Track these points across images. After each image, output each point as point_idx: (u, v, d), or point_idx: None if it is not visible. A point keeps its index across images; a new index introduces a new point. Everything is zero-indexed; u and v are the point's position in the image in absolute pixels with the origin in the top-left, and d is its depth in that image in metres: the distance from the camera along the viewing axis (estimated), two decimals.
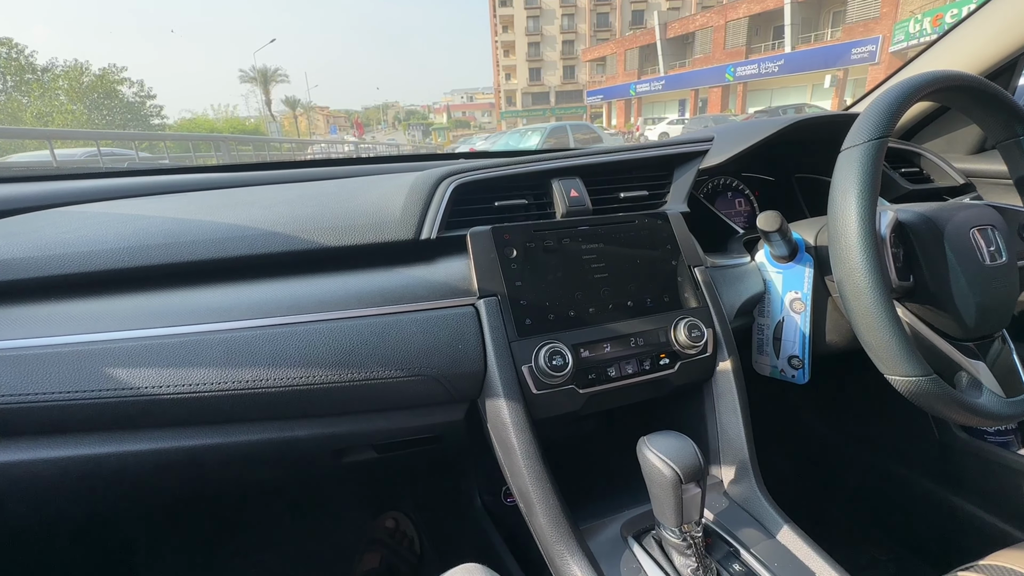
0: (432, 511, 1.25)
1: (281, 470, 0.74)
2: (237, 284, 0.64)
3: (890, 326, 0.57)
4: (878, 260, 0.57)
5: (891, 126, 0.60)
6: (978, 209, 0.69)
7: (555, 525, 0.59)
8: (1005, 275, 0.66)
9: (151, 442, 0.60)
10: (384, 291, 0.63)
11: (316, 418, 0.63)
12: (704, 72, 26.60)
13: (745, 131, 0.95)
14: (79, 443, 0.58)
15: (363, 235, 0.68)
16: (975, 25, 0.99)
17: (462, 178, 0.73)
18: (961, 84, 0.65)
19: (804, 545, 0.58)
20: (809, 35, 22.65)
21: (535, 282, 0.67)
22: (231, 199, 0.80)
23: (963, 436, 1.01)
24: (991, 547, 0.64)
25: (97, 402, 0.54)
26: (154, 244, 0.64)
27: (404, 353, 0.60)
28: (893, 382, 0.60)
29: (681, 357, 0.70)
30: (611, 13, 44.48)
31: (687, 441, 0.53)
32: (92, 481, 0.63)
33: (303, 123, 49.19)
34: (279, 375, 0.57)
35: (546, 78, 52.02)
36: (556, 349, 0.63)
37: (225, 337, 0.57)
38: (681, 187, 0.85)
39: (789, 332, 0.82)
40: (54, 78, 21.24)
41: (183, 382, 0.55)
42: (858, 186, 0.58)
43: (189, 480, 0.70)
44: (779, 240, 0.77)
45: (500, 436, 0.63)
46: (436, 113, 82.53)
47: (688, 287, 0.74)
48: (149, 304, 0.60)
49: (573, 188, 0.78)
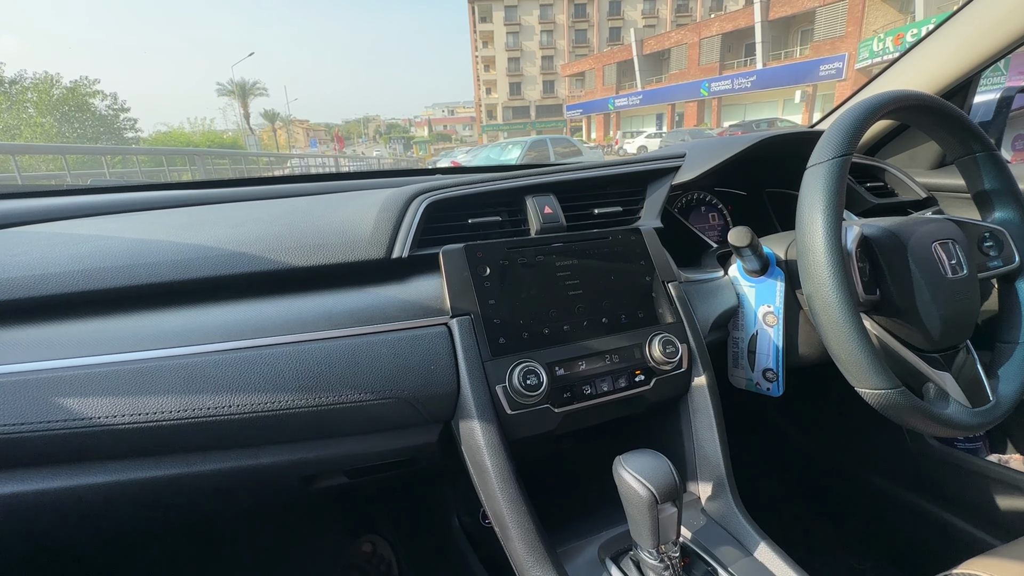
0: (410, 533, 1.22)
1: (247, 499, 0.71)
2: (200, 307, 0.62)
3: (858, 340, 0.58)
4: (845, 274, 0.58)
5: (854, 144, 0.61)
6: (939, 224, 0.71)
7: (531, 549, 0.58)
8: (966, 287, 0.68)
9: (107, 474, 0.56)
10: (354, 311, 0.62)
11: (283, 444, 0.61)
12: (680, 87, 27.29)
13: (716, 147, 0.96)
14: (27, 478, 0.54)
15: (333, 255, 0.67)
16: (931, 46, 1.03)
17: (435, 195, 0.73)
18: (919, 104, 0.67)
19: (781, 562, 0.58)
20: (779, 52, 23.46)
21: (509, 300, 0.66)
22: (196, 218, 0.78)
23: (934, 444, 1.03)
24: (966, 554, 0.64)
25: (46, 434, 0.51)
26: (112, 267, 0.61)
27: (375, 375, 0.59)
28: (863, 394, 0.60)
29: (656, 373, 0.70)
30: (589, 29, 45.43)
31: (662, 460, 0.52)
32: (43, 516, 0.59)
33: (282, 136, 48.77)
34: (244, 401, 0.55)
35: (526, 92, 52.70)
36: (530, 368, 0.62)
37: (186, 362, 0.55)
38: (654, 203, 0.86)
39: (763, 345, 0.82)
40: (22, 90, 20.65)
41: (140, 411, 0.53)
42: (823, 202, 0.59)
43: (148, 512, 0.67)
44: (750, 255, 0.78)
45: (474, 458, 0.62)
46: (417, 127, 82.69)
47: (662, 302, 0.75)
48: (105, 329, 0.58)
49: (547, 205, 0.78)
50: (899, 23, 17.50)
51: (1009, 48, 0.94)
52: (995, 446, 1.10)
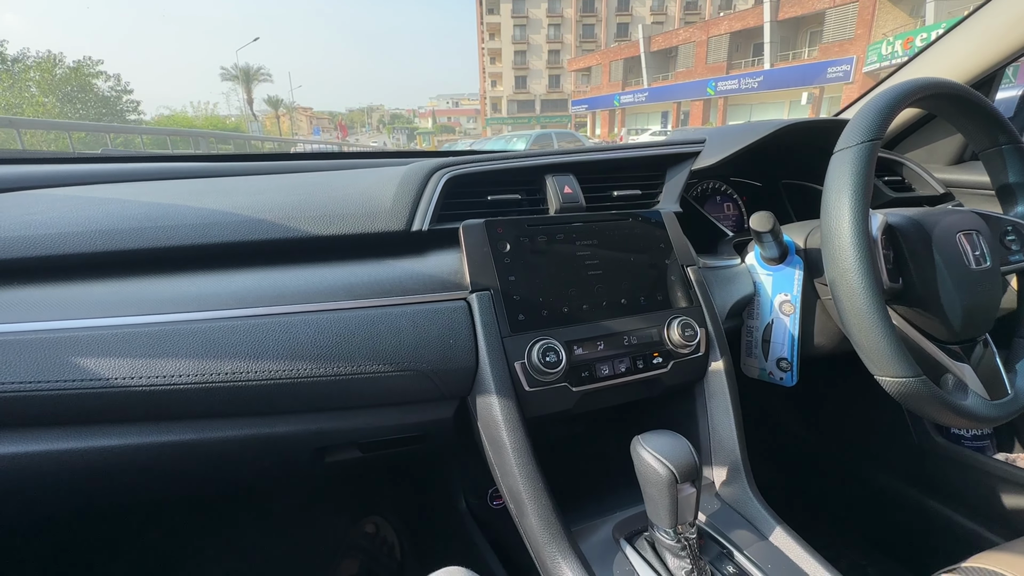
0: (414, 515, 1.22)
1: (260, 468, 0.71)
2: (218, 272, 0.61)
3: (882, 327, 0.57)
4: (871, 261, 0.57)
5: (883, 129, 0.60)
6: (963, 214, 0.70)
7: (546, 526, 0.57)
8: (989, 279, 0.67)
9: (119, 438, 0.56)
10: (373, 283, 0.61)
11: (299, 414, 0.60)
12: (686, 85, 27.12)
13: (737, 134, 0.96)
14: (39, 438, 0.54)
15: (352, 224, 0.66)
16: (957, 39, 1.02)
17: (455, 170, 0.72)
18: (949, 92, 0.67)
19: (797, 546, 0.58)
20: (787, 53, 23.32)
21: (529, 277, 0.66)
22: (213, 186, 0.77)
23: (941, 441, 1.03)
24: (970, 551, 0.64)
25: (62, 393, 0.50)
26: (129, 228, 0.60)
27: (393, 347, 0.58)
28: (882, 382, 0.60)
29: (674, 356, 0.70)
30: (596, 25, 45.14)
31: (682, 440, 0.52)
32: (51, 479, 0.59)
33: (285, 123, 48.50)
34: (260, 368, 0.54)
35: (531, 86, 52.42)
36: (550, 346, 0.62)
37: (203, 327, 0.54)
38: (674, 187, 0.85)
39: (778, 334, 0.82)
40: (25, 69, 20.49)
41: (157, 373, 0.52)
42: (851, 187, 0.58)
43: (159, 479, 0.67)
44: (771, 241, 0.77)
45: (491, 434, 0.62)
46: (421, 117, 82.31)
47: (681, 286, 0.74)
48: (123, 291, 0.57)
49: (567, 184, 0.77)
50: (909, 27, 17.39)
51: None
52: (1002, 445, 1.09)
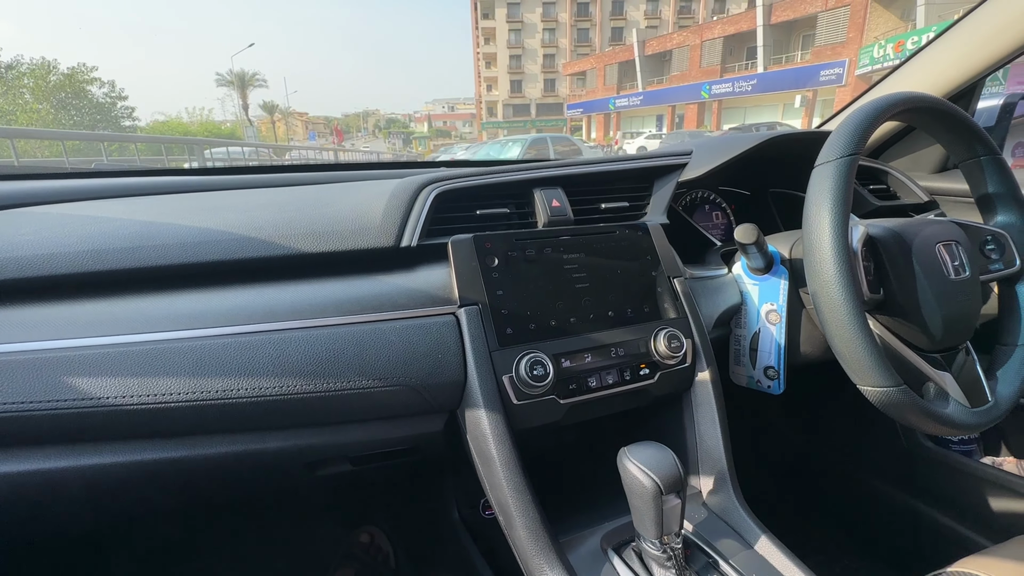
0: (408, 525, 1.23)
1: (253, 482, 0.72)
2: (208, 290, 0.62)
3: (862, 338, 0.58)
4: (851, 273, 0.58)
5: (862, 143, 0.62)
6: (943, 225, 0.72)
7: (534, 538, 0.58)
8: (968, 289, 0.69)
9: (113, 455, 0.57)
10: (363, 299, 0.62)
11: (289, 429, 0.61)
12: (681, 89, 27.29)
13: (722, 146, 0.97)
14: (33, 457, 0.54)
15: (342, 241, 0.67)
16: (937, 51, 1.04)
17: (443, 186, 0.73)
18: (927, 105, 0.68)
19: (782, 556, 0.59)
20: (780, 56, 23.50)
21: (516, 291, 0.67)
22: (204, 203, 0.78)
23: (929, 446, 1.04)
24: (959, 554, 0.65)
25: (54, 413, 0.51)
26: (121, 248, 0.61)
27: (383, 362, 0.59)
28: (865, 392, 0.61)
29: (661, 367, 0.71)
30: (591, 29, 45.38)
31: (667, 452, 0.53)
32: (45, 497, 0.59)
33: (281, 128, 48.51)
34: (251, 385, 0.55)
35: (527, 90, 52.61)
36: (537, 359, 0.63)
37: (194, 345, 0.55)
38: (661, 199, 0.86)
39: (765, 343, 0.83)
40: (18, 76, 20.44)
41: (148, 391, 0.53)
42: (831, 200, 0.59)
43: (152, 495, 0.67)
44: (756, 252, 0.78)
45: (479, 447, 0.62)
46: (417, 122, 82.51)
47: (668, 298, 0.75)
48: (114, 310, 0.58)
49: (555, 198, 0.78)
50: (900, 30, 17.57)
51: (1015, 54, 0.94)
52: (989, 449, 1.11)
